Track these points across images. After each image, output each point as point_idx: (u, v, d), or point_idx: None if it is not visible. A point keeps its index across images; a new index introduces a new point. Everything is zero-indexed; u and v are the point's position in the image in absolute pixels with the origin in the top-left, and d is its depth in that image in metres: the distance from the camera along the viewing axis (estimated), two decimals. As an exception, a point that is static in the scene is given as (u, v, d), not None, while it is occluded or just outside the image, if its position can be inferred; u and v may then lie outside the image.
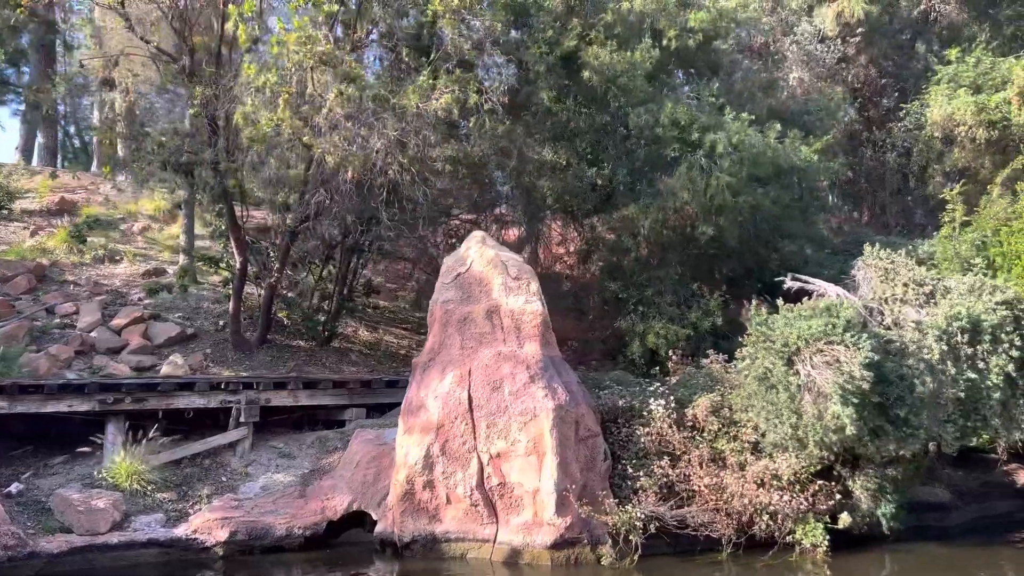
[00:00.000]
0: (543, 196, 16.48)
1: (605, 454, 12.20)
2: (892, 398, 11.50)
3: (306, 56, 11.30)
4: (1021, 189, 18.73)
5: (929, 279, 13.58)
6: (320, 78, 11.91)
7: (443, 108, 12.56)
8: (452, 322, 12.49)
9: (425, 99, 12.66)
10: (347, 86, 11.53)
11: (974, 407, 12.43)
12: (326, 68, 11.47)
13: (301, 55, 11.23)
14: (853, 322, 11.53)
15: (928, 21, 28.70)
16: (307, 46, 11.11)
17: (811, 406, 10.95)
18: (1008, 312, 12.59)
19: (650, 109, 16.14)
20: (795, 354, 11.32)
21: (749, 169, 15.67)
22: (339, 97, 11.37)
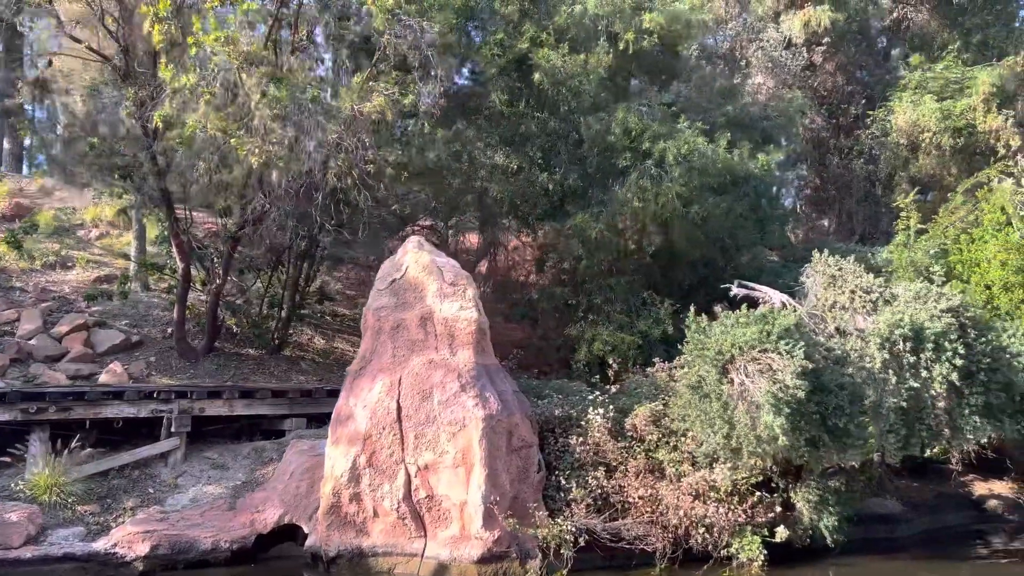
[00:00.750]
0: (495, 201, 16.20)
1: (540, 465, 11.89)
2: (831, 408, 11.21)
3: (230, 56, 11.01)
4: (982, 197, 18.56)
5: (876, 286, 13.31)
6: (249, 79, 11.61)
7: (376, 110, 12.26)
8: (385, 329, 12.17)
9: (360, 101, 12.36)
10: (273, 87, 11.24)
11: (918, 417, 12.15)
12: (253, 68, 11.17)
13: (224, 55, 10.93)
14: (789, 330, 11.24)
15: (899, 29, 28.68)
16: (229, 46, 10.81)
17: (744, 415, 10.65)
18: (953, 320, 12.31)
19: (601, 118, 15.92)
20: (730, 362, 11.03)
21: (701, 178, 15.44)
22: (263, 98, 11.07)
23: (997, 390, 12.66)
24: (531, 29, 16.55)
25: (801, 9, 23.05)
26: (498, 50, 16.38)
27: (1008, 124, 21.28)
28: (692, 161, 15.01)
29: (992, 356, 12.71)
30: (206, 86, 10.93)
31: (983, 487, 15.86)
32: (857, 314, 13.13)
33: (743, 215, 17.60)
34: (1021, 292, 16.86)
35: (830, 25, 22.60)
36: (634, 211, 15.47)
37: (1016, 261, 17.10)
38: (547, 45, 16.28)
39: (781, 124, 19.21)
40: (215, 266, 16.26)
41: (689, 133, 15.05)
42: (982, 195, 19.51)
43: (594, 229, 15.26)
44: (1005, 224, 18.53)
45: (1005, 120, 21.32)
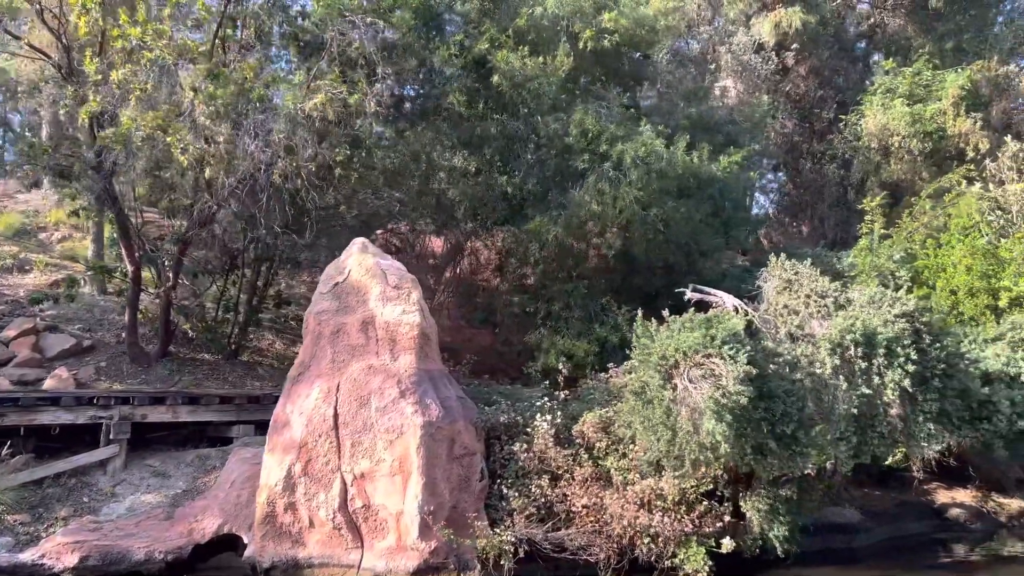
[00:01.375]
0: (453, 204, 15.92)
1: (483, 473, 11.58)
2: (778, 414, 10.93)
3: (164, 51, 10.70)
4: (949, 201, 18.38)
5: (832, 291, 13.08)
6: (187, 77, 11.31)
7: (317, 108, 11.98)
8: (325, 334, 11.86)
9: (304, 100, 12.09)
10: (211, 84, 10.94)
11: (870, 424, 11.89)
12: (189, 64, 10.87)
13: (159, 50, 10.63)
14: (737, 335, 10.98)
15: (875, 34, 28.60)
16: (160, 40, 10.50)
17: (686, 422, 10.37)
18: (907, 325, 12.07)
19: (559, 118, 15.66)
20: (673, 368, 10.75)
21: (660, 181, 15.20)
22: (197, 95, 10.77)
23: (952, 397, 12.43)
24: (491, 30, 16.29)
25: (772, 11, 22.86)
26: (456, 51, 16.12)
27: (977, 127, 21.13)
28: (650, 164, 14.75)
29: (947, 362, 12.47)
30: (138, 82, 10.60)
31: (946, 495, 15.62)
32: (813, 319, 12.91)
33: (706, 219, 17.37)
34: (986, 297, 16.68)
35: (801, 27, 22.42)
36: (593, 215, 15.21)
37: (981, 266, 16.92)
38: (506, 47, 16.03)
39: (746, 128, 18.98)
40: (166, 269, 15.91)
41: (647, 135, 14.80)
42: (950, 199, 19.36)
43: (551, 233, 14.99)
44: (972, 229, 18.39)
45: (974, 124, 21.17)
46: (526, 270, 16.12)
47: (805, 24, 22.58)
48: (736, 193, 18.30)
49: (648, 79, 19.50)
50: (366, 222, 19.26)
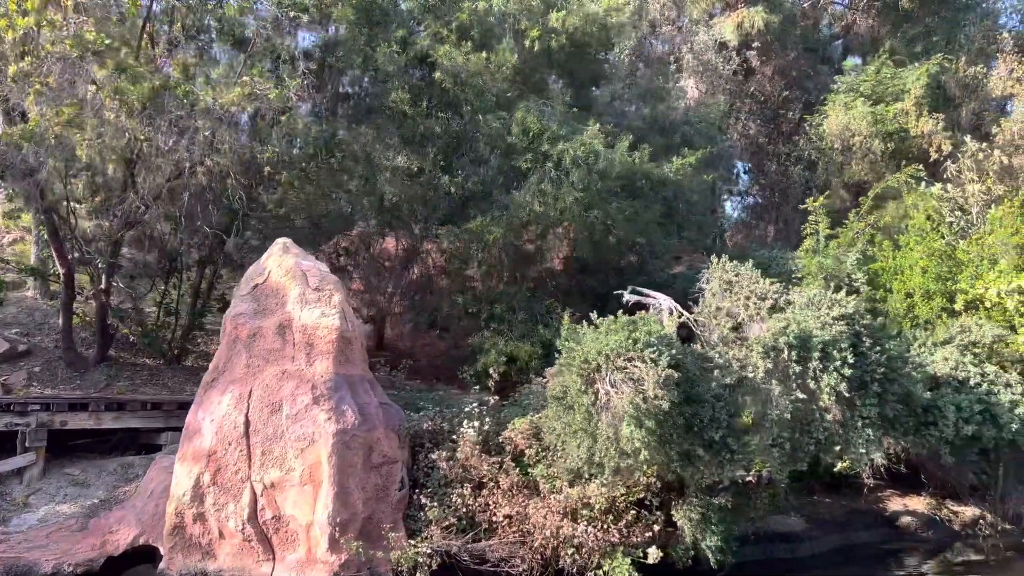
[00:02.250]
0: (393, 205, 15.51)
1: (402, 482, 11.16)
2: (706, 420, 10.56)
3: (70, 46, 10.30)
4: (912, 203, 18.05)
5: (772, 292, 12.70)
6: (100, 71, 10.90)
7: (234, 103, 11.58)
8: (241, 337, 11.44)
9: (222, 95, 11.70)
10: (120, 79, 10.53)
11: (806, 429, 11.50)
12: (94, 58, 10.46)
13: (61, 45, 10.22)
14: (665, 338, 10.61)
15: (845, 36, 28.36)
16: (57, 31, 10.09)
17: (606, 428, 9.98)
18: (846, 328, 11.69)
19: (501, 116, 15.28)
20: (595, 371, 10.35)
21: (604, 182, 14.84)
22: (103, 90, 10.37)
23: (894, 402, 12.05)
24: (433, 26, 15.92)
25: (735, 11, 22.54)
26: (399, 48, 15.74)
27: (939, 128, 20.82)
28: (591, 164, 14.37)
29: (888, 366, 12.08)
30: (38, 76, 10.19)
31: (899, 503, 15.24)
32: (753, 321, 12.53)
33: (659, 221, 17.04)
34: (941, 300, 16.32)
35: (763, 27, 22.09)
36: (535, 215, 14.84)
37: (937, 268, 16.58)
38: (448, 42, 15.65)
39: (702, 128, 18.63)
40: (99, 271, 15.47)
41: (588, 135, 14.42)
42: (911, 200, 19.02)
43: (492, 234, 14.60)
44: (930, 231, 18.05)
45: (936, 123, 20.86)
46: (471, 271, 15.71)
47: (768, 24, 22.26)
48: (692, 195, 17.92)
49: (604, 78, 19.15)
50: (317, 224, 18.89)
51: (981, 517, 14.96)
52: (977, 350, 13.90)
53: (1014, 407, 13.25)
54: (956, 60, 24.65)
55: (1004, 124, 22.97)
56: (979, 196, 18.51)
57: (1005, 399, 13.31)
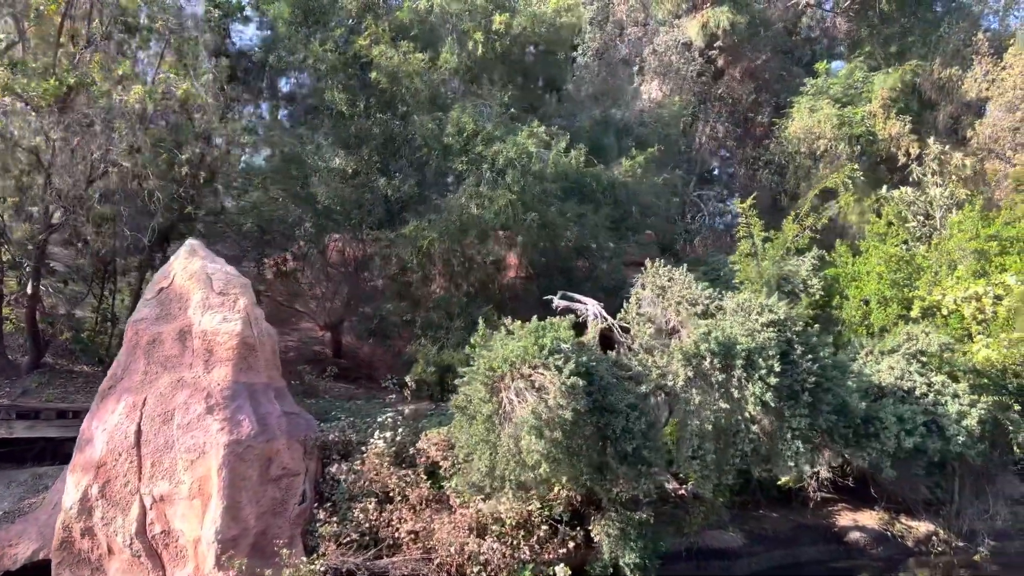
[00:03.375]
0: (325, 208, 15.06)
1: (303, 496, 10.66)
2: (618, 430, 10.03)
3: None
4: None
5: (703, 298, 12.18)
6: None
7: (136, 99, 11.18)
8: (141, 343, 10.99)
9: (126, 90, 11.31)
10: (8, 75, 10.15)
11: (731, 441, 10.97)
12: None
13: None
14: (575, 344, 10.11)
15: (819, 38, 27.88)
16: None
17: (507, 439, 9.47)
18: (774, 335, 11.14)
19: (437, 117, 14.85)
20: (500, 380, 9.85)
21: (540, 184, 14.39)
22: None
23: (828, 412, 11.50)
24: (372, 26, 15.52)
25: (699, 11, 22.08)
26: (335, 47, 15.34)
27: (907, 130, 20.28)
28: (526, 165, 13.91)
29: (823, 375, 11.55)
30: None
31: (849, 518, 14.64)
32: (683, 327, 12.02)
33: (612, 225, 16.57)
34: (897, 307, 15.76)
35: (729, 27, 21.61)
36: (472, 219, 14.38)
37: (893, 274, 16.02)
38: (385, 42, 15.25)
39: (656, 129, 18.15)
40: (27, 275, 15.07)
41: (522, 136, 13.96)
42: (869, 204, 18.50)
43: (426, 239, 14.14)
44: (890, 235, 17.51)
45: (903, 126, 20.32)
46: (405, 277, 15.23)
47: (734, 24, 21.77)
48: (645, 198, 17.42)
49: (560, 80, 18.71)
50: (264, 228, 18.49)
51: (934, 533, 14.34)
52: (924, 359, 13.33)
53: (961, 418, 12.67)
54: (932, 62, 24.16)
55: (977, 127, 22.52)
56: (943, 200, 17.96)
57: (952, 410, 12.74)
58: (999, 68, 22.91)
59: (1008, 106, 21.44)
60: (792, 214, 15.88)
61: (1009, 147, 21.20)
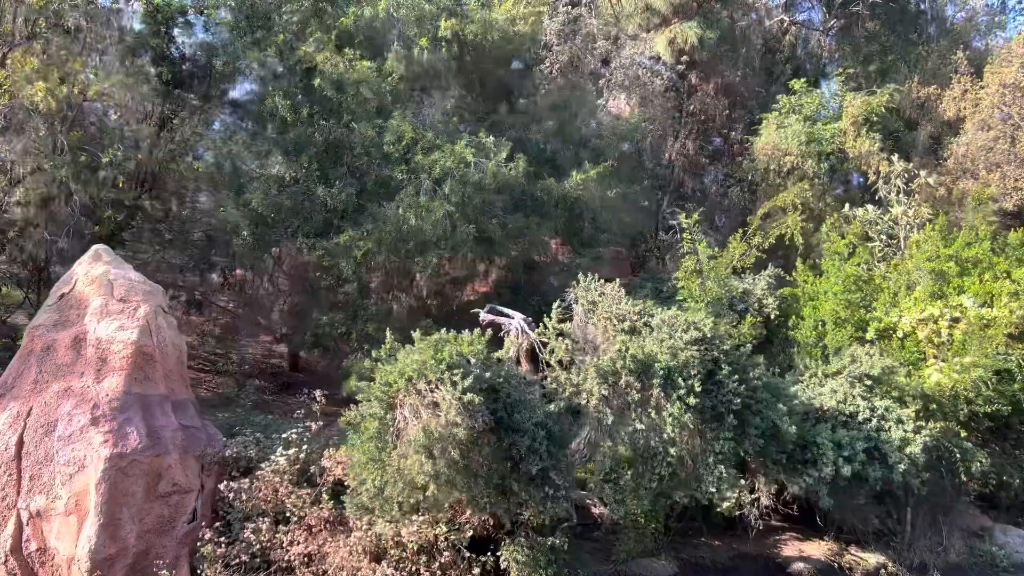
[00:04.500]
0: (260, 216, 14.64)
1: (195, 514, 10.15)
2: (523, 451, 9.49)
3: None
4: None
5: (631, 314, 11.66)
6: None
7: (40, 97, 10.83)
8: (36, 350, 10.55)
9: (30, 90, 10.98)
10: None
11: (648, 464, 10.41)
12: None
13: None
14: (480, 359, 9.61)
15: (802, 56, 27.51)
16: None
17: (397, 459, 8.94)
18: (698, 353, 10.62)
19: (377, 125, 14.47)
20: (395, 395, 9.35)
21: (481, 195, 13.97)
22: None
23: (757, 436, 10.96)
24: (316, 32, 15.20)
25: (668, 26, 21.68)
26: (275, 52, 15.02)
27: (876, 148, 19.75)
28: (465, 175, 13.50)
29: (753, 397, 11.02)
30: None
31: (795, 548, 13.97)
32: (610, 344, 11.50)
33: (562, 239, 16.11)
34: (851, 329, 15.17)
35: (697, 43, 21.18)
36: (412, 229, 13.95)
37: (849, 294, 15.45)
38: (329, 48, 14.91)
39: (612, 142, 17.72)
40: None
41: (460, 145, 13.54)
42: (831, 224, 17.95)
43: (361, 249, 13.71)
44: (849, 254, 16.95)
45: (872, 143, 19.80)
46: (348, 288, 14.77)
47: (703, 40, 21.32)
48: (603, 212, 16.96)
49: (515, 89, 18.34)
50: (211, 237, 18.14)
51: (883, 566, 13.66)
52: (869, 382, 12.74)
53: (904, 445, 12.07)
54: (911, 80, 23.73)
55: (951, 147, 22.01)
56: (908, 219, 17.41)
57: (895, 436, 12.14)
58: (977, 87, 22.47)
59: (981, 124, 20.92)
60: (739, 231, 15.37)
61: (983, 166, 20.66)
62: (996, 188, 19.96)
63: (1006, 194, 19.90)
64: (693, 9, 22.01)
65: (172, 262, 18.53)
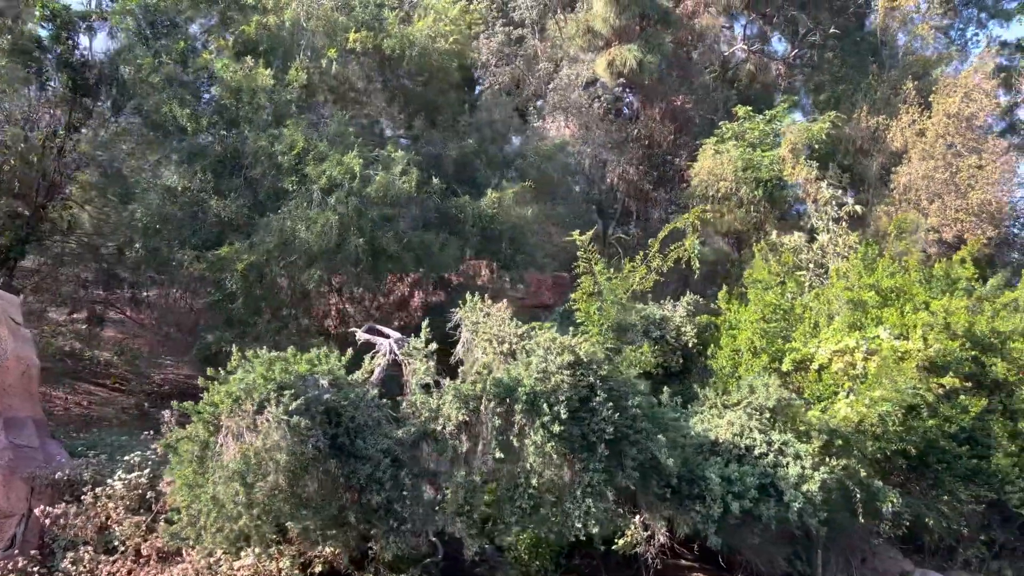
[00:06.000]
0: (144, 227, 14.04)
1: (13, 540, 9.38)
2: (363, 479, 8.80)
3: None
4: (772, 263, 16.45)
5: (512, 336, 11.02)
6: None
7: None
8: None
9: None
10: None
11: (510, 496, 9.70)
12: None
13: None
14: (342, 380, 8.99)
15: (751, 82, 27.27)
16: None
17: (211, 485, 8.23)
18: (570, 377, 9.95)
19: (272, 135, 13.94)
20: (220, 417, 8.66)
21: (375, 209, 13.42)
22: None
23: (633, 468, 10.25)
24: (219, 39, 14.74)
25: (608, 49, 21.35)
26: (176, 59, 14.55)
27: (813, 175, 19.32)
28: (355, 188, 12.95)
29: (630, 427, 10.33)
30: None
31: (695, 588, 13.22)
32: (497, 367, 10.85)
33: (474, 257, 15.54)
34: (766, 359, 14.53)
35: (636, 66, 20.84)
36: (302, 243, 13.35)
37: (766, 324, 14.85)
38: (229, 56, 14.44)
39: (535, 163, 17.24)
40: None
41: (350, 156, 13.01)
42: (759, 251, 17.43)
43: (243, 262, 13.09)
44: (779, 284, 16.39)
45: (810, 171, 19.36)
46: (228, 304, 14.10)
47: (643, 64, 20.98)
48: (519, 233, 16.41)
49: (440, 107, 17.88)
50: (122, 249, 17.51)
51: (790, 610, 12.89)
52: (768, 415, 12.06)
53: (801, 482, 11.35)
54: (860, 110, 23.47)
55: (895, 176, 21.64)
56: (838, 248, 16.92)
57: (792, 472, 11.43)
58: (925, 118, 22.18)
59: (923, 154, 20.55)
60: (639, 255, 14.84)
61: (924, 196, 20.25)
62: (935, 218, 19.55)
63: (945, 224, 19.47)
64: (635, 32, 21.73)
65: (81, 275, 17.95)
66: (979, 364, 13.93)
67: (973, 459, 13.46)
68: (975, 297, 14.17)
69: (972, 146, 20.68)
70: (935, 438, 13.19)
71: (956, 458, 13.41)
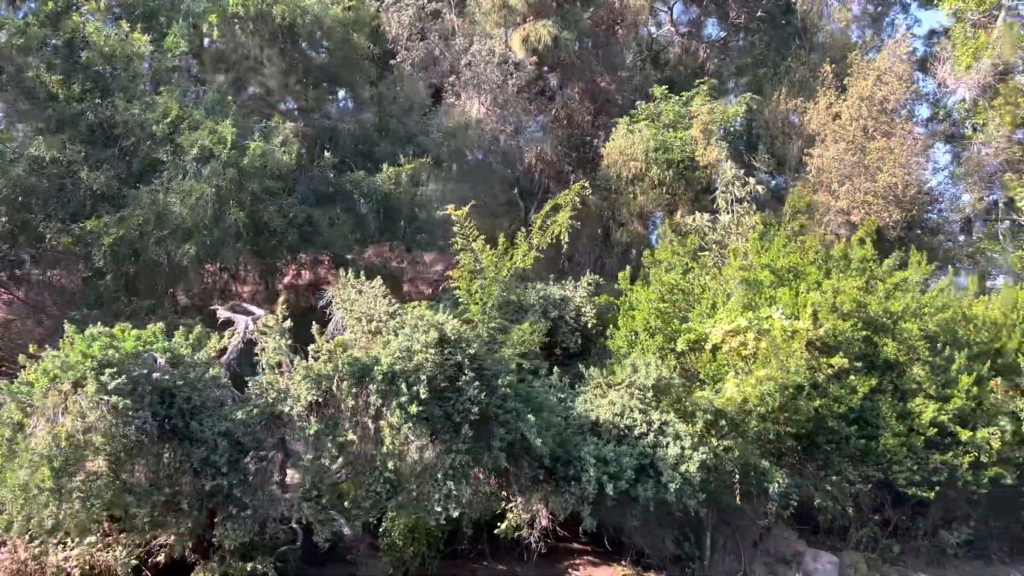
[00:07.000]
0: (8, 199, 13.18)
1: None
2: (196, 463, 8.27)
3: None
4: (675, 243, 16.19)
5: (382, 314, 10.58)
6: None
7: None
8: None
9: None
10: None
11: (363, 478, 9.27)
12: None
13: None
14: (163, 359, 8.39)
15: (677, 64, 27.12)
16: None
17: (19, 470, 7.62)
18: (436, 356, 9.53)
19: (147, 103, 13.17)
20: (35, 398, 8.04)
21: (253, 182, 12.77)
22: None
23: (500, 450, 9.90)
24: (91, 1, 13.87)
25: (522, 25, 20.88)
26: (44, 21, 13.63)
27: (724, 156, 19.18)
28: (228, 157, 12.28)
29: (500, 407, 9.99)
30: None
31: (584, 572, 12.97)
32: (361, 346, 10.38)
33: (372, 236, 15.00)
34: (661, 339, 14.34)
35: (551, 43, 20.42)
36: (175, 216, 12.64)
37: (663, 304, 14.65)
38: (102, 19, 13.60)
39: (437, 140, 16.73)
40: None
41: (222, 125, 12.34)
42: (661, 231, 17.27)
43: (111, 236, 12.35)
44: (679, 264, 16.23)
45: (721, 152, 19.22)
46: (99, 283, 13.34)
47: (557, 40, 20.57)
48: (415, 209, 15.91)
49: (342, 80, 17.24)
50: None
51: (676, 592, 12.76)
52: (650, 394, 11.83)
53: (680, 463, 11.15)
54: (779, 92, 23.43)
55: (809, 160, 21.65)
56: (741, 228, 16.80)
57: (671, 453, 11.22)
58: (841, 101, 22.22)
59: (835, 136, 20.58)
60: (522, 231, 14.47)
61: (835, 178, 20.27)
62: (845, 200, 19.59)
63: (855, 207, 19.52)
64: (552, 8, 21.29)
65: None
66: (871, 344, 13.88)
67: (862, 439, 13.40)
68: (866, 277, 14.10)
69: (884, 129, 20.76)
70: (824, 418, 13.11)
71: (845, 439, 13.33)
